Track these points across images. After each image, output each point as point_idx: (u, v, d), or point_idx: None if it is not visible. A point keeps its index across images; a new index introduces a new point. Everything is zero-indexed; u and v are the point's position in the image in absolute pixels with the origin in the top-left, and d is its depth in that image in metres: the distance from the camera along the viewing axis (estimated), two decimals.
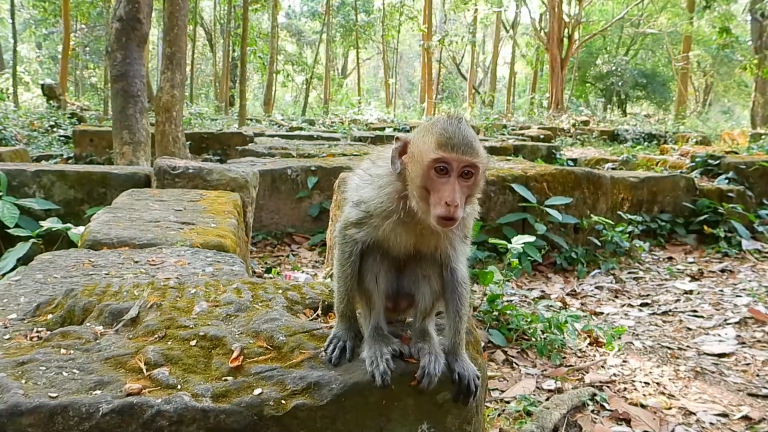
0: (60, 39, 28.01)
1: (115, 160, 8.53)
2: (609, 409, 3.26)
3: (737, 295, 5.33)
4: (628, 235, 6.55)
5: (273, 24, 29.38)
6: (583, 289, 5.59)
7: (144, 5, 8.50)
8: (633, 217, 6.97)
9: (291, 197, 6.86)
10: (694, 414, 3.24)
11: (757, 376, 3.71)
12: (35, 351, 1.63)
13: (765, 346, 4.17)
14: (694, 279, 5.95)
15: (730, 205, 7.32)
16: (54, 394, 1.42)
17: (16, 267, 4.08)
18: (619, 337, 4.25)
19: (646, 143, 19.94)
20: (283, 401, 1.46)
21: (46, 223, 4.76)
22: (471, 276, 1.84)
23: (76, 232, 4.58)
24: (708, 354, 4.09)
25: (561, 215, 5.94)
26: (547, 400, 3.33)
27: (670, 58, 37.39)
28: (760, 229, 7.45)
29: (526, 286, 5.56)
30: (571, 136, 21.25)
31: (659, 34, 38.08)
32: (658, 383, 3.62)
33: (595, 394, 3.38)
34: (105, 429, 1.37)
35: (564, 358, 3.96)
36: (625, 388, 3.56)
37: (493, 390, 3.45)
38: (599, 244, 6.35)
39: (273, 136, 13.08)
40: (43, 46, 41.88)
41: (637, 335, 4.46)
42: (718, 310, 5.00)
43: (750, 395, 3.46)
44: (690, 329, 4.59)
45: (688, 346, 4.24)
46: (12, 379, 1.47)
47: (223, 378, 1.52)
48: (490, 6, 36.36)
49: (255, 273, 5.40)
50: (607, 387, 3.56)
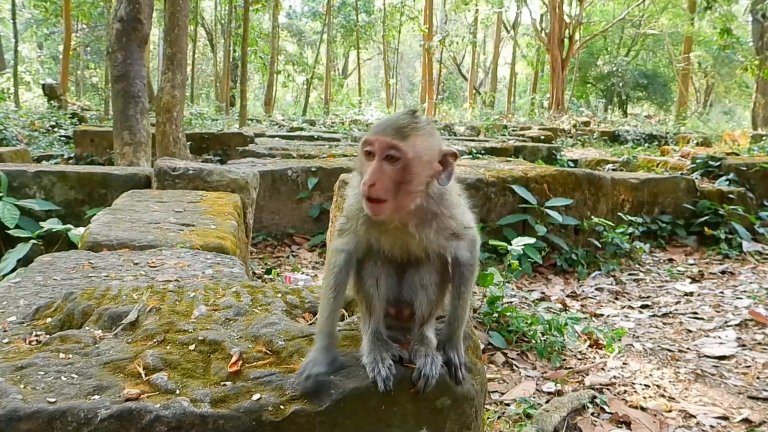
0: (61, 39, 28.04)
1: (116, 160, 8.53)
2: (609, 412, 3.25)
3: (738, 297, 5.33)
4: (628, 236, 6.54)
5: (274, 24, 29.41)
6: (583, 291, 5.58)
7: (145, 6, 8.50)
8: (633, 218, 6.96)
9: (291, 198, 6.86)
10: (695, 417, 3.23)
11: (758, 378, 3.71)
12: (34, 355, 1.63)
13: (765, 349, 4.17)
14: (694, 281, 5.94)
15: (731, 206, 7.31)
16: (52, 399, 1.41)
17: (16, 268, 4.08)
18: (620, 339, 4.24)
19: (646, 144, 19.95)
20: (281, 406, 1.45)
21: (47, 224, 4.76)
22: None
23: (76, 233, 4.58)
24: (708, 356, 4.08)
25: (561, 216, 5.94)
26: (546, 402, 3.33)
27: (671, 58, 37.38)
28: (761, 230, 7.43)
29: (526, 287, 5.56)
30: (571, 137, 21.24)
31: (660, 34, 38.09)
32: (658, 386, 3.62)
33: (595, 397, 3.38)
34: None
35: (564, 360, 3.95)
36: (625, 391, 3.56)
37: (492, 392, 3.45)
38: (599, 245, 6.34)
39: (273, 137, 13.10)
40: (44, 46, 41.92)
41: (637, 337, 4.45)
42: (718, 312, 4.99)
43: (750, 398, 3.45)
44: (690, 331, 4.58)
45: (688, 349, 4.23)
46: (11, 384, 1.46)
47: (221, 383, 1.52)
48: (491, 6, 36.39)
49: (255, 274, 5.40)
50: (607, 389, 3.56)
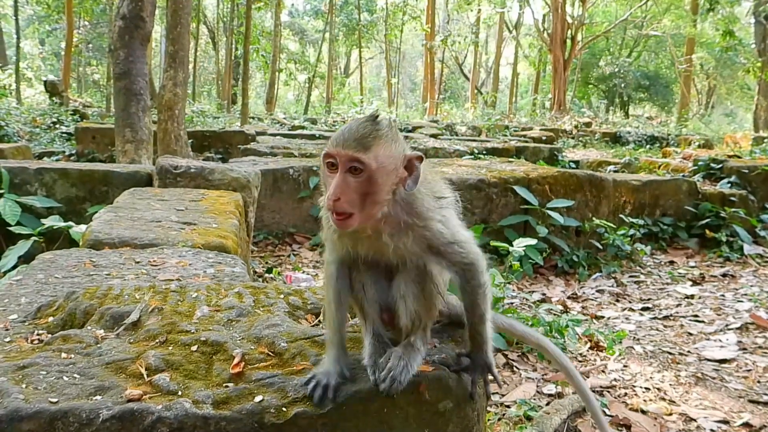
0: (63, 36, 28.03)
1: (118, 158, 8.53)
2: (609, 415, 3.25)
3: (739, 300, 5.32)
4: (629, 238, 6.54)
5: (276, 22, 29.42)
6: (584, 293, 5.58)
7: (147, 3, 8.50)
8: (635, 220, 6.96)
9: (293, 197, 6.86)
10: (695, 420, 3.22)
11: (758, 382, 3.70)
12: (36, 355, 1.62)
13: (766, 353, 4.16)
14: (695, 283, 5.93)
15: (732, 209, 7.31)
16: (54, 400, 1.41)
17: (17, 265, 4.08)
18: (620, 342, 4.23)
19: (648, 146, 19.93)
20: (284, 408, 1.45)
21: (48, 221, 4.76)
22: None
23: (77, 230, 4.58)
24: (709, 360, 4.08)
25: (563, 218, 5.94)
26: (547, 404, 3.33)
27: (673, 60, 37.36)
28: (762, 233, 7.43)
29: (527, 288, 5.56)
30: (573, 138, 21.21)
31: (662, 36, 38.06)
32: (658, 389, 3.61)
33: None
34: None
35: None
36: (625, 393, 3.55)
37: (493, 394, 3.44)
38: (601, 247, 6.34)
39: (275, 135, 13.07)
40: (46, 43, 41.91)
41: (638, 340, 4.45)
42: (719, 315, 4.99)
43: (751, 402, 3.45)
44: (691, 334, 4.58)
45: (689, 352, 4.22)
46: (12, 384, 1.46)
47: (224, 384, 1.51)
48: (494, 6, 36.35)
49: (256, 273, 5.39)
50: (608, 392, 3.56)
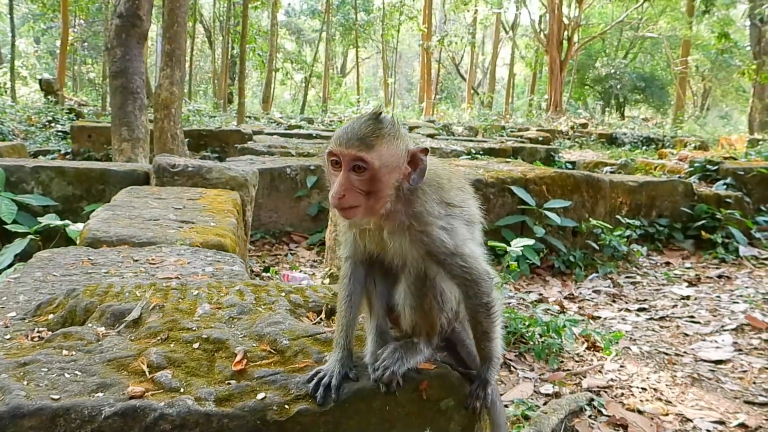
0: (58, 34, 27.90)
1: (114, 156, 8.50)
2: (606, 415, 3.26)
3: (734, 302, 5.34)
4: (626, 239, 6.56)
5: (272, 22, 29.36)
6: (580, 293, 5.59)
7: (144, 2, 8.47)
8: (631, 221, 6.98)
9: (290, 196, 6.86)
10: (691, 421, 3.24)
11: (754, 383, 3.72)
12: (37, 352, 1.62)
13: (762, 354, 4.18)
14: (691, 284, 5.96)
15: (728, 210, 7.33)
16: (56, 396, 1.41)
17: (13, 263, 4.07)
18: (617, 342, 4.25)
19: (644, 147, 20.00)
20: (286, 406, 1.45)
21: (44, 220, 4.75)
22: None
23: (74, 228, 4.57)
24: (705, 360, 4.09)
25: (560, 218, 5.95)
26: (544, 404, 3.34)
27: (668, 62, 37.47)
28: (758, 235, 7.46)
29: (524, 289, 5.57)
30: (569, 139, 21.27)
31: (658, 37, 38.18)
32: (655, 389, 3.63)
33: (592, 399, 3.39)
34: None
35: (562, 362, 3.96)
36: (622, 394, 3.57)
37: None
38: (597, 247, 6.35)
39: (272, 134, 13.06)
40: (41, 41, 41.68)
41: (634, 340, 4.47)
42: (715, 316, 5.01)
43: (746, 403, 3.47)
44: (687, 335, 4.60)
45: (685, 352, 4.24)
46: (14, 381, 1.46)
47: (226, 382, 1.52)
48: (490, 7, 36.39)
49: (253, 272, 5.39)
50: (605, 392, 3.57)
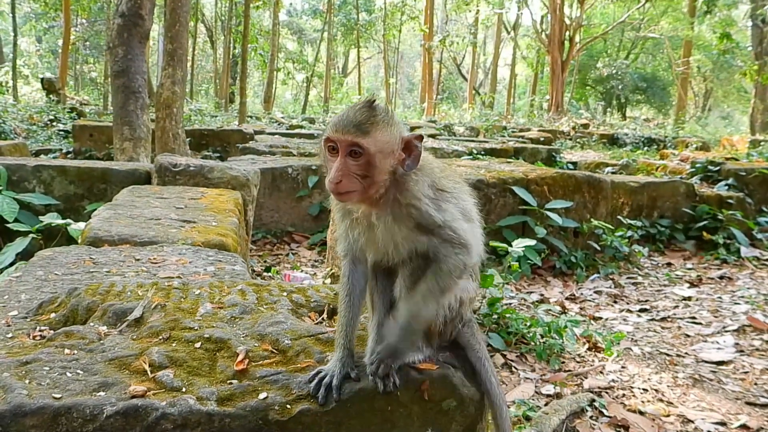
0: (60, 33, 27.95)
1: (116, 156, 8.52)
2: (607, 416, 3.26)
3: (736, 303, 5.34)
4: (627, 240, 6.55)
5: (274, 21, 29.35)
6: (582, 294, 5.59)
7: (146, 1, 8.48)
8: (632, 222, 6.97)
9: (291, 196, 6.86)
10: (692, 422, 3.24)
11: (755, 384, 3.72)
12: (39, 351, 1.62)
13: (763, 355, 4.18)
14: (692, 285, 5.95)
15: (730, 211, 7.33)
16: (58, 395, 1.41)
17: (15, 262, 4.07)
18: (618, 343, 4.25)
19: (645, 147, 19.98)
20: (288, 406, 1.45)
21: (46, 219, 4.75)
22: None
23: (75, 227, 4.57)
24: (706, 361, 4.09)
25: (561, 219, 5.94)
26: (545, 405, 3.33)
27: (670, 62, 37.43)
28: (759, 236, 7.45)
29: (525, 289, 5.57)
30: (570, 139, 21.25)
31: (660, 38, 38.16)
32: (656, 390, 3.62)
33: (593, 400, 3.38)
34: (109, 431, 1.37)
35: (563, 363, 3.96)
36: (623, 395, 3.56)
37: None
38: (599, 248, 6.35)
39: (273, 134, 13.06)
40: (43, 40, 41.73)
41: (635, 341, 4.46)
42: (716, 317, 5.01)
43: (748, 404, 3.46)
44: (688, 336, 4.59)
45: (686, 353, 4.24)
46: (16, 379, 1.46)
47: (228, 381, 1.51)
48: (492, 7, 36.40)
49: (254, 272, 5.39)
50: (606, 393, 3.57)
